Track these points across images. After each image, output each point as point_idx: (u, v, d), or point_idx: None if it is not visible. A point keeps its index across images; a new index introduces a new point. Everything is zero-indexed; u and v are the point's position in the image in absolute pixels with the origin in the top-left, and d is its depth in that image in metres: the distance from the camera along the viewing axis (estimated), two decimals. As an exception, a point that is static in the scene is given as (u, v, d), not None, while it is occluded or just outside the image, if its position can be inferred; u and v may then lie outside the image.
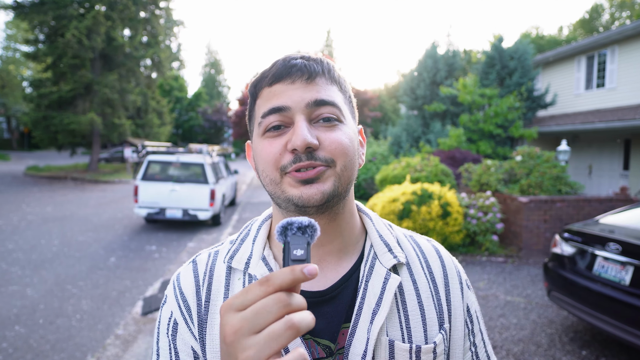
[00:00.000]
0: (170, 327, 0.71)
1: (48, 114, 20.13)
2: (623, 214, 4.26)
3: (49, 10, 19.52)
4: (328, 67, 0.69)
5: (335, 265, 0.72)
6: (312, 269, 0.46)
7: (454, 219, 6.76)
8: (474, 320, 0.78)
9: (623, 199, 7.43)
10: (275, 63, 0.68)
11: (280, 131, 0.66)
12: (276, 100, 0.65)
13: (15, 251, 6.94)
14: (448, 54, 16.68)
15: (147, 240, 8.18)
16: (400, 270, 0.72)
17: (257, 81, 0.69)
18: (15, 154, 36.33)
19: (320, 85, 0.66)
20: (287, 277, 0.45)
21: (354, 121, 0.73)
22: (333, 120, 0.66)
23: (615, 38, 12.70)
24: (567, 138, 13.65)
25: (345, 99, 0.71)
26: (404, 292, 0.71)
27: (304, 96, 0.65)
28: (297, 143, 0.62)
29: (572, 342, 4.04)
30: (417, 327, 0.69)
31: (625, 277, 3.39)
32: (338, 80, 0.70)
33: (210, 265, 0.74)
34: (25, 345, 3.87)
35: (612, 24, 36.38)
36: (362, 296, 0.68)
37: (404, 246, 0.77)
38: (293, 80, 0.65)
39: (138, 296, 5.21)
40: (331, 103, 0.66)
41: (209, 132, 45.54)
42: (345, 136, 0.66)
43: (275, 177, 0.66)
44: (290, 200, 0.65)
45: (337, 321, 0.68)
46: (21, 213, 10.34)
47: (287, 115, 0.65)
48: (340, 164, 0.65)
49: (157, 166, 9.51)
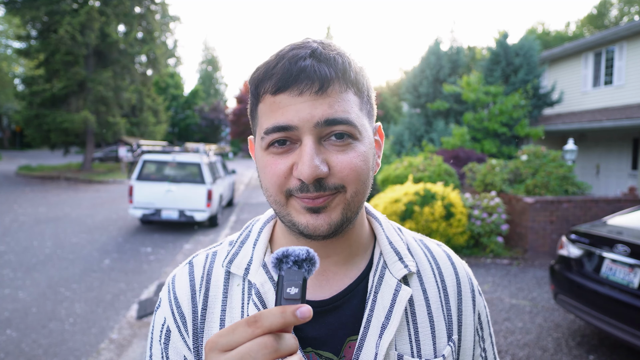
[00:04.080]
0: (163, 335, 0.69)
1: (40, 112, 20.16)
2: (632, 214, 4.26)
3: (42, 6, 19.53)
4: (343, 66, 0.60)
5: (341, 275, 0.69)
6: (306, 310, 0.44)
7: (457, 220, 6.76)
8: (484, 327, 0.77)
9: (631, 199, 7.44)
10: (281, 60, 0.60)
11: (286, 147, 0.60)
12: (281, 116, 0.59)
13: (7, 253, 6.94)
14: (452, 50, 16.68)
15: (142, 242, 8.18)
16: (411, 279, 0.70)
17: (259, 81, 0.62)
18: (7, 153, 36.34)
19: (333, 97, 0.59)
20: (277, 320, 0.44)
21: (370, 125, 0.66)
22: (346, 137, 0.60)
23: (623, 34, 12.70)
24: (574, 137, 13.64)
25: (362, 102, 0.64)
26: (414, 304, 0.68)
27: (313, 113, 0.58)
28: (304, 174, 0.57)
29: (579, 347, 4.04)
30: (427, 340, 0.67)
31: (634, 280, 3.39)
32: (355, 80, 0.62)
33: (208, 268, 0.71)
34: (17, 350, 3.87)
35: (621, 19, 36.38)
36: (371, 308, 0.66)
37: (415, 252, 0.74)
38: (301, 92, 0.58)
39: (133, 299, 5.21)
40: (345, 121, 0.59)
41: (206, 131, 45.56)
42: (359, 158, 0.60)
43: (280, 200, 0.62)
44: (295, 226, 0.62)
45: (342, 333, 0.66)
46: (13, 214, 10.34)
47: (293, 133, 0.59)
48: (352, 190, 0.60)
49: (152, 166, 9.51)
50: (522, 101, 12.81)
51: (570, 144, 9.38)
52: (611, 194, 12.41)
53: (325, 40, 0.64)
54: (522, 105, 12.98)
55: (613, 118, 11.43)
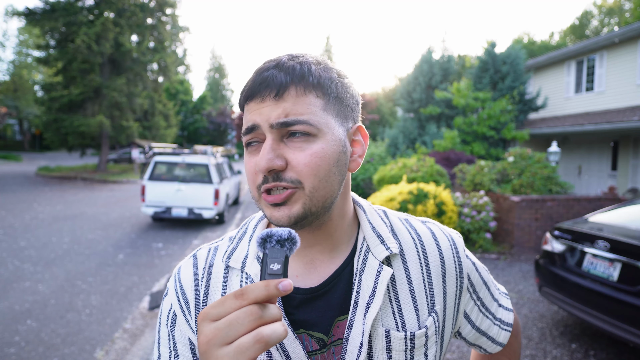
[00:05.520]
0: (169, 319, 0.71)
1: (59, 117, 20.12)
2: (611, 212, 4.26)
3: (60, 17, 19.51)
4: (302, 72, 0.62)
5: (327, 262, 0.70)
6: (287, 284, 0.47)
7: (448, 217, 6.76)
8: (476, 282, 0.79)
9: (611, 198, 7.43)
10: (254, 74, 0.64)
11: (255, 146, 0.64)
12: (249, 120, 0.63)
13: (28, 248, 6.94)
14: (443, 58, 16.68)
15: (153, 237, 8.18)
16: (394, 260, 0.71)
17: (241, 94, 0.66)
18: (27, 155, 36.31)
19: (289, 101, 0.61)
20: (261, 292, 0.46)
21: (340, 124, 0.66)
22: (301, 135, 0.61)
23: (603, 44, 12.69)
24: (557, 140, 13.65)
25: (328, 102, 0.64)
26: (396, 282, 0.70)
27: (270, 115, 0.61)
28: (259, 166, 0.60)
29: (562, 336, 4.04)
30: (410, 314, 0.69)
31: (613, 274, 3.39)
32: (318, 83, 0.63)
33: (210, 261, 0.74)
34: (37, 339, 3.87)
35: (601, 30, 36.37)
36: (357, 289, 0.67)
37: (400, 233, 0.75)
38: (262, 98, 0.61)
39: (145, 292, 5.20)
40: (299, 122, 0.60)
41: (213, 134, 45.52)
42: (316, 155, 0.61)
43: (255, 195, 0.65)
44: (267, 218, 0.65)
45: (331, 315, 0.68)
46: (33, 212, 10.34)
47: (259, 132, 0.63)
48: (309, 185, 0.61)
49: (163, 167, 9.51)
50: (509, 106, 12.80)
51: (554, 146, 9.37)
52: (592, 193, 12.42)
53: (300, 54, 0.66)
54: (509, 110, 12.97)
55: (594, 122, 11.42)
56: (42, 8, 19.78)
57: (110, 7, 20.52)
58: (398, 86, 19.21)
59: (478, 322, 0.80)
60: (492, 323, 0.81)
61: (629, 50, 12.09)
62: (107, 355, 3.63)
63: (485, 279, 0.82)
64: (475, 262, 0.80)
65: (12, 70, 39.75)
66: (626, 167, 12.13)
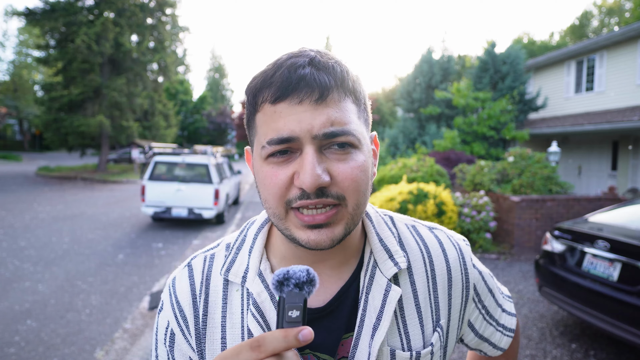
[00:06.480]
0: (167, 338, 0.67)
1: (59, 117, 20.15)
2: (611, 212, 4.26)
3: (60, 17, 19.51)
4: (342, 75, 0.56)
5: (335, 278, 0.67)
6: (307, 333, 0.43)
7: (448, 217, 6.76)
8: (481, 291, 0.76)
9: (611, 198, 7.43)
10: (279, 69, 0.56)
11: (286, 157, 0.56)
12: (283, 127, 0.54)
13: (27, 248, 6.94)
14: (443, 59, 16.68)
15: (153, 237, 8.17)
16: (401, 276, 0.67)
17: (257, 90, 0.57)
18: (27, 155, 36.31)
19: (332, 106, 0.54)
20: (280, 344, 0.43)
21: (367, 132, 0.62)
22: (347, 146, 0.56)
23: (603, 44, 12.69)
24: (557, 140, 13.65)
25: (360, 110, 0.60)
26: (403, 299, 0.66)
27: (313, 123, 0.53)
28: (306, 183, 0.53)
29: (562, 336, 4.04)
30: (415, 331, 0.66)
31: (613, 274, 3.39)
32: (353, 89, 0.58)
33: (207, 273, 0.68)
34: (37, 339, 3.87)
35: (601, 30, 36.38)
36: (364, 308, 0.64)
37: (407, 243, 0.71)
38: (300, 100, 0.53)
39: (145, 292, 5.20)
40: (346, 132, 0.55)
41: (213, 134, 45.53)
42: (359, 168, 0.56)
43: (279, 213, 0.57)
44: (296, 240, 0.58)
45: (337, 334, 0.65)
46: (33, 212, 10.34)
47: (294, 143, 0.55)
48: (353, 202, 0.56)
49: (163, 167, 9.50)
50: (508, 106, 12.81)
51: (554, 146, 9.37)
52: (592, 193, 12.42)
53: (321, 50, 0.60)
54: (508, 110, 12.98)
55: (594, 122, 11.42)
56: (42, 8, 19.78)
57: (110, 7, 20.52)
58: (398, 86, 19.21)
59: (481, 330, 0.78)
60: (495, 330, 0.79)
61: (629, 50, 12.09)
62: (107, 355, 3.63)
63: (491, 286, 0.79)
64: (481, 270, 0.78)
65: (12, 70, 39.80)
66: (626, 167, 12.14)
